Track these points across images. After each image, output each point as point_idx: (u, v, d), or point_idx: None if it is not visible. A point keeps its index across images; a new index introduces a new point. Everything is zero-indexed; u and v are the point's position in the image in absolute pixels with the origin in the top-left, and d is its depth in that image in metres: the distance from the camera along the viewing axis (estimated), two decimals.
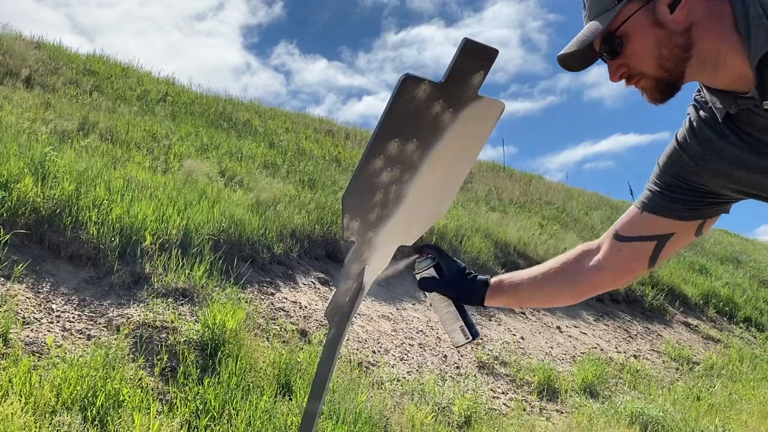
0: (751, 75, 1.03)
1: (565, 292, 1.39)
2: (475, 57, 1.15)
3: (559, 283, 1.38)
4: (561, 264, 1.38)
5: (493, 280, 1.41)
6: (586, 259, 1.36)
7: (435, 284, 1.41)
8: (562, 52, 1.13)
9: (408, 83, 1.12)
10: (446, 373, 4.32)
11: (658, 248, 1.27)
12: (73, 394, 2.57)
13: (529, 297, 1.42)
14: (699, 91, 1.19)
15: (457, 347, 1.46)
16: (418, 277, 1.43)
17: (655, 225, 1.26)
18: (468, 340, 1.41)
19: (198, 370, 3.07)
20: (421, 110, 1.16)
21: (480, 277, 1.42)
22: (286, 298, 4.47)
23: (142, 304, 3.52)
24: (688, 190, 1.22)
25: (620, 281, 1.36)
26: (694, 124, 1.18)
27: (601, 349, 6.07)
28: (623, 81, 1.14)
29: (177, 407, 2.79)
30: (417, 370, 4.20)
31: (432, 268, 1.41)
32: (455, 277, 1.40)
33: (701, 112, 1.18)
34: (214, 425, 2.75)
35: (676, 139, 1.22)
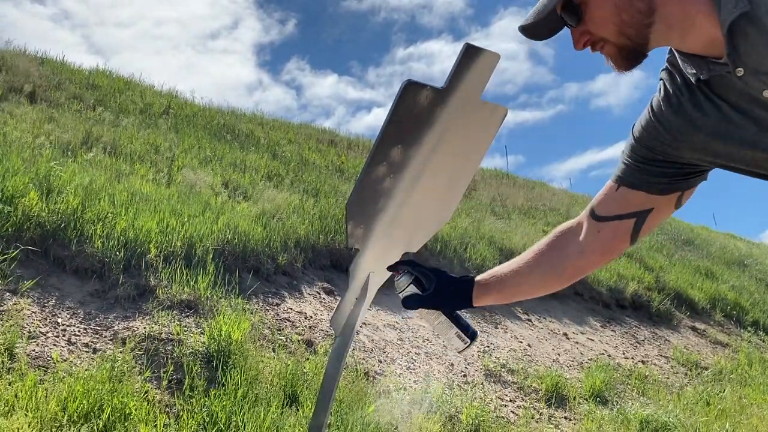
0: (723, 40, 0.98)
1: (551, 281, 1.34)
2: (477, 62, 1.15)
3: (543, 273, 1.33)
4: (541, 252, 1.33)
5: (478, 278, 1.35)
6: (568, 244, 1.31)
7: (418, 300, 1.35)
8: (524, 21, 1.08)
9: (410, 89, 1.11)
10: (453, 381, 4.29)
11: (638, 224, 1.24)
12: (80, 408, 2.56)
13: (516, 291, 1.36)
14: (671, 52, 1.13)
15: (459, 353, 1.43)
16: (400, 296, 1.37)
17: (634, 201, 1.22)
18: (467, 344, 1.36)
19: (204, 382, 3.06)
20: (424, 116, 1.16)
21: (463, 278, 1.36)
22: (291, 309, 4.46)
23: (147, 317, 3.52)
24: (665, 163, 1.17)
25: (604, 261, 1.33)
26: (670, 90, 1.13)
27: (609, 355, 6.03)
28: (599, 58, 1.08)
29: (184, 420, 2.78)
30: (424, 379, 4.18)
31: (412, 285, 1.35)
32: (437, 288, 1.33)
33: (676, 77, 1.12)
34: None
35: (651, 109, 1.16)
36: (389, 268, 1.38)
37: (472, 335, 1.35)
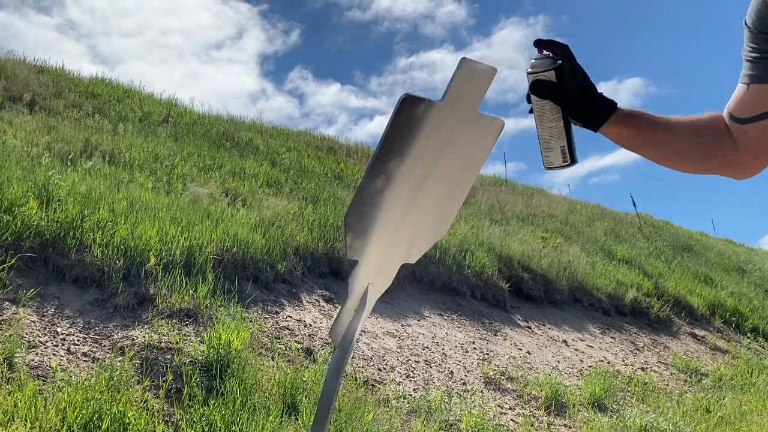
0: None
1: (694, 158, 1.22)
2: (473, 75, 1.16)
3: (693, 145, 1.21)
4: (701, 124, 1.21)
5: (622, 107, 1.20)
6: (726, 133, 1.19)
7: (553, 90, 1.17)
8: None
9: (407, 103, 1.13)
10: (453, 389, 4.29)
11: None
12: (79, 418, 2.56)
13: (655, 142, 1.21)
14: None
15: (548, 169, 1.23)
16: (532, 78, 1.18)
17: None
18: (566, 164, 1.20)
19: (203, 391, 3.06)
20: (421, 129, 1.17)
21: (607, 97, 1.20)
22: (290, 317, 4.46)
23: (146, 326, 3.52)
24: None
25: (757, 165, 1.20)
26: None
27: (608, 362, 6.03)
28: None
29: (183, 429, 2.78)
30: (423, 387, 4.18)
31: (553, 71, 1.17)
32: (580, 88, 1.17)
33: None
34: None
35: None
36: (535, 43, 1.18)
37: (574, 159, 1.20)
